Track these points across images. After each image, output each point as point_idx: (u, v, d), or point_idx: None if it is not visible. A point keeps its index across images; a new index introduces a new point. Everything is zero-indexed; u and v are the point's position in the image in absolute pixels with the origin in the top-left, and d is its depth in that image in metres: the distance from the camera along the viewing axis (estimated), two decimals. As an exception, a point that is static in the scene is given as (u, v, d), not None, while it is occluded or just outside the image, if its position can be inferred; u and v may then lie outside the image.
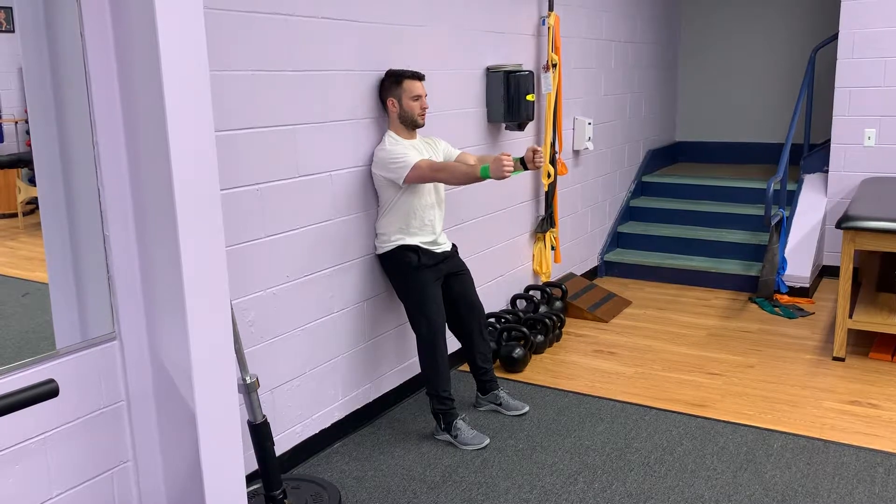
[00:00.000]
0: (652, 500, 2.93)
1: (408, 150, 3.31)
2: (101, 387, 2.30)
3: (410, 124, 3.40)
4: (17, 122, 2.25)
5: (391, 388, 3.77)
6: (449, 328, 3.58)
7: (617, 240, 6.23)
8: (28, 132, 2.19)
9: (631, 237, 6.21)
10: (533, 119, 4.47)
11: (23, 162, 2.28)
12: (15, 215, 2.32)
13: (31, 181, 2.21)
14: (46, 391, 1.50)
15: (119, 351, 2.31)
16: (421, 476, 3.14)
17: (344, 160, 3.30)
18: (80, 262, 2.26)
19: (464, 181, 3.29)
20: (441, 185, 3.52)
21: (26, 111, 2.18)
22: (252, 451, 2.66)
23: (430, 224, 3.44)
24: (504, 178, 3.15)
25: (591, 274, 5.89)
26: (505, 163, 3.11)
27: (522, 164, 3.33)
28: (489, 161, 3.23)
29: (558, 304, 4.93)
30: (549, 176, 4.85)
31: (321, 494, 2.94)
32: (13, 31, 2.14)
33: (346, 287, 3.40)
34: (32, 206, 2.22)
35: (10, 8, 2.10)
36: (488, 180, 3.30)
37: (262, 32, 2.85)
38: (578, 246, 5.66)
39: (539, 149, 3.31)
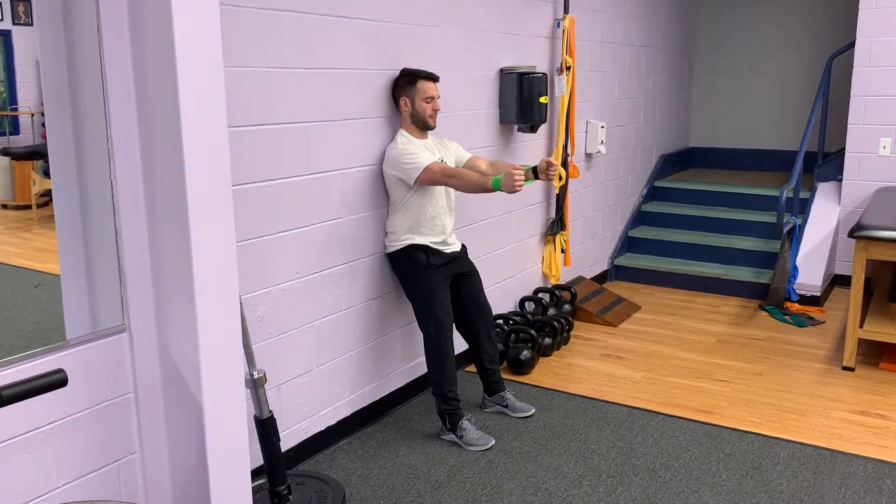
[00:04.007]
0: (656, 505, 2.93)
1: (420, 151, 3.32)
2: (110, 378, 2.32)
3: (421, 125, 3.41)
4: (33, 115, 2.27)
5: (397, 386, 3.77)
6: (457, 329, 3.58)
7: (627, 244, 6.22)
8: (44, 125, 2.21)
9: (642, 242, 6.19)
10: (546, 121, 4.46)
11: (38, 154, 2.30)
12: (29, 207, 2.34)
13: (46, 173, 2.23)
14: (55, 380, 1.52)
15: (128, 343, 2.33)
16: (426, 475, 3.15)
17: (355, 159, 3.32)
18: (91, 255, 2.28)
19: (474, 190, 3.27)
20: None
21: (42, 104, 2.20)
22: (258, 447, 2.68)
23: (440, 224, 3.44)
24: (515, 192, 3.14)
25: (601, 278, 5.88)
26: (516, 177, 3.10)
27: (535, 173, 3.35)
28: (501, 170, 3.21)
29: (567, 307, 4.92)
30: (560, 179, 4.84)
31: (325, 491, 2.95)
32: (31, 25, 2.16)
33: (354, 285, 3.41)
34: (46, 198, 2.24)
35: (30, 1, 2.13)
36: (498, 192, 3.23)
37: (277, 30, 2.87)
38: (589, 249, 5.65)
39: (555, 163, 3.32)
